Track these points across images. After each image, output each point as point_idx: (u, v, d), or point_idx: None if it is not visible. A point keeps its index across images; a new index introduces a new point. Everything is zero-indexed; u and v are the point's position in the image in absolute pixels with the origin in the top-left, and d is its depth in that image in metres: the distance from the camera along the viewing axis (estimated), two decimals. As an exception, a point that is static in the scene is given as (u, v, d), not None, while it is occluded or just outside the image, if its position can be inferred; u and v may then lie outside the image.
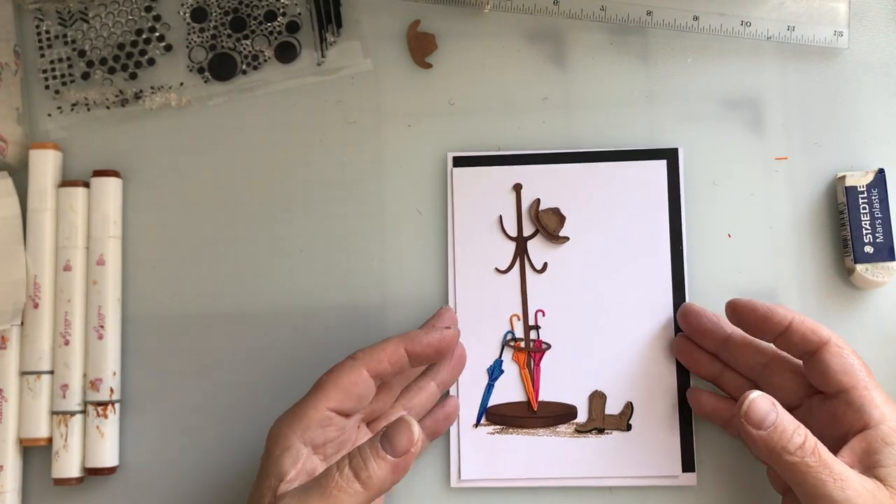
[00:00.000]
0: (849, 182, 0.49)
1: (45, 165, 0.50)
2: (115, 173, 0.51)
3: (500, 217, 0.50)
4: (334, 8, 0.52)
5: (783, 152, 0.51)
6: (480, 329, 0.49)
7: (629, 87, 0.51)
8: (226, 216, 0.51)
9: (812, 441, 0.39)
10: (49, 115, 0.52)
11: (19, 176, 0.51)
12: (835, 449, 0.41)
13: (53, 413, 0.48)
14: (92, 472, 0.48)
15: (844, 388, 0.42)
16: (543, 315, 0.49)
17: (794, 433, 0.39)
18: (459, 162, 0.50)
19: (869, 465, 0.40)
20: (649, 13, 0.51)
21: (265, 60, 0.52)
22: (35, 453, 0.49)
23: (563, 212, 0.50)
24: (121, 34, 0.52)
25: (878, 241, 0.48)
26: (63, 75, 0.52)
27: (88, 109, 0.52)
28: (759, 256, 0.50)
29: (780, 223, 0.50)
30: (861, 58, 0.51)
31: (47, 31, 0.52)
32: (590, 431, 0.48)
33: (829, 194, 0.50)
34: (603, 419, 0.48)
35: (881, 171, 0.49)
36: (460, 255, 0.50)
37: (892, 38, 0.52)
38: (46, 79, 0.52)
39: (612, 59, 0.52)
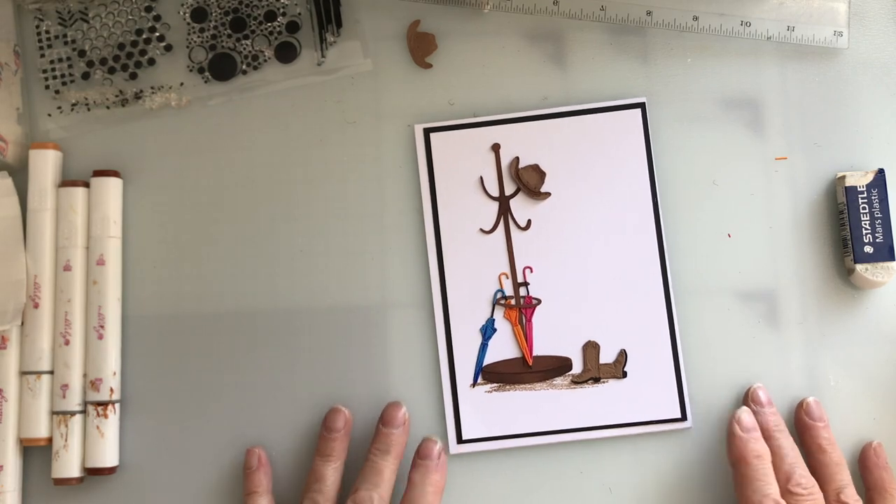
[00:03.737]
0: (849, 182, 0.49)
1: (45, 165, 0.50)
2: (115, 173, 0.50)
3: (481, 178, 0.51)
4: (334, 8, 0.52)
5: (783, 152, 0.51)
6: (470, 290, 0.50)
7: (629, 87, 0.51)
8: (226, 216, 0.51)
9: None
10: (49, 115, 0.52)
11: (19, 176, 0.51)
12: None
13: (53, 413, 0.48)
14: (92, 472, 0.48)
15: None
16: (531, 271, 0.50)
17: None
18: (434, 130, 0.51)
19: None
20: (649, 13, 0.51)
21: (265, 60, 0.52)
22: (35, 453, 0.49)
23: (543, 167, 0.50)
24: (121, 34, 0.52)
25: (877, 241, 0.48)
26: (63, 75, 0.52)
27: (88, 109, 0.52)
28: (759, 256, 0.50)
29: (780, 223, 0.50)
30: (861, 58, 0.51)
31: (47, 31, 0.52)
32: (586, 382, 0.49)
33: (829, 194, 0.50)
34: (598, 369, 0.49)
35: (881, 171, 0.49)
36: (442, 218, 0.50)
37: (892, 38, 0.52)
38: (46, 79, 0.52)
39: (612, 59, 0.52)
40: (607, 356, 0.49)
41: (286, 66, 0.52)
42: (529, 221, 0.50)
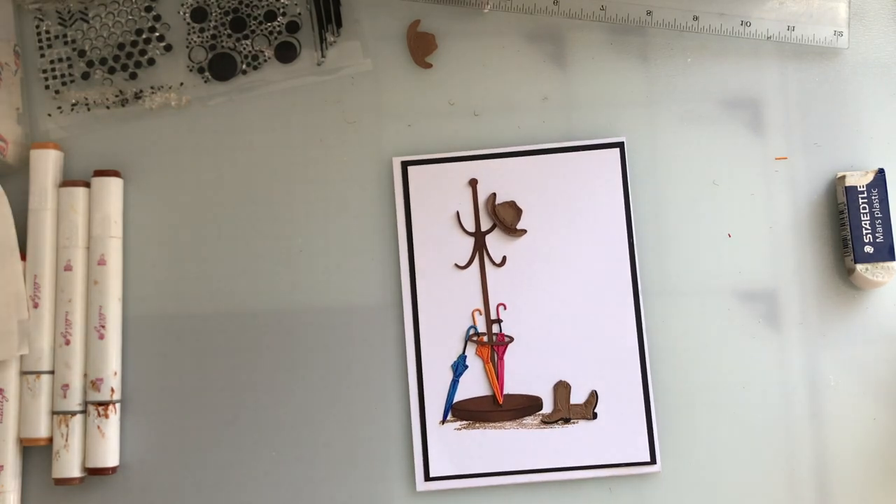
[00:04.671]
0: (849, 182, 0.49)
1: (45, 165, 0.50)
2: (115, 173, 0.51)
3: (458, 213, 0.50)
4: (334, 8, 0.52)
5: (783, 152, 0.51)
6: (443, 325, 0.49)
7: (629, 87, 0.51)
8: (226, 216, 0.51)
9: None
10: (49, 114, 0.52)
11: (19, 176, 0.51)
12: None
13: (54, 413, 0.48)
14: (92, 472, 0.48)
15: None
16: (505, 308, 0.49)
17: None
18: (412, 164, 0.51)
19: None
20: (649, 13, 0.51)
21: (265, 60, 0.52)
22: (35, 453, 0.49)
23: (520, 204, 0.50)
24: (121, 34, 0.52)
25: (878, 240, 0.48)
26: (63, 75, 0.52)
27: (88, 109, 0.52)
28: (759, 256, 0.50)
29: (780, 223, 0.50)
30: (861, 58, 0.51)
31: (47, 31, 0.52)
32: (556, 422, 0.48)
33: (829, 194, 0.50)
34: (568, 409, 0.48)
35: (881, 171, 0.49)
36: (418, 252, 0.50)
37: (892, 38, 0.52)
38: (46, 79, 0.52)
39: (612, 59, 0.52)
40: (578, 396, 0.49)
41: (286, 66, 0.52)
42: (504, 258, 0.50)
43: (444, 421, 0.49)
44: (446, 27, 0.52)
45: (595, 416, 0.48)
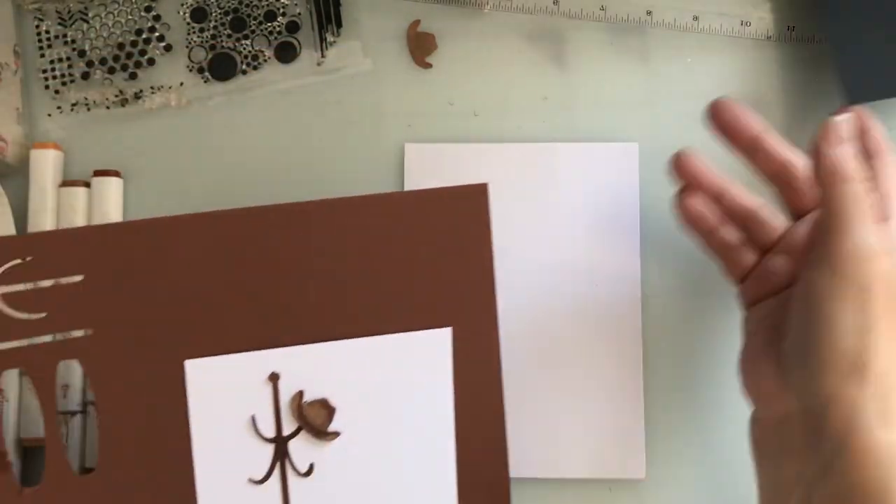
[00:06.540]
0: (849, 182, 0.49)
1: (45, 165, 0.50)
2: (115, 173, 0.51)
3: (253, 417, 0.42)
4: (334, 8, 0.52)
5: (783, 152, 0.51)
6: None
7: (629, 87, 0.51)
8: (226, 216, 0.51)
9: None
10: (49, 115, 0.52)
11: (19, 176, 0.51)
12: None
13: (54, 413, 0.48)
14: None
15: None
16: None
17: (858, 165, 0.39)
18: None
19: None
20: (649, 13, 0.51)
21: (265, 60, 0.52)
22: (36, 453, 0.49)
23: (333, 402, 0.42)
24: (121, 34, 0.52)
25: (878, 241, 0.48)
26: (63, 75, 0.52)
27: (88, 109, 0.52)
28: (759, 256, 0.50)
29: (780, 223, 0.50)
30: (861, 58, 0.51)
31: (47, 31, 0.52)
32: None
33: (829, 194, 0.50)
34: None
35: (881, 171, 0.49)
36: (203, 466, 0.41)
37: (892, 38, 0.52)
38: (46, 79, 0.52)
39: (612, 59, 0.52)
40: None
41: (286, 66, 0.52)
42: (312, 466, 0.42)
43: None
44: (446, 27, 0.52)
45: None
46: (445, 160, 0.50)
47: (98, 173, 0.50)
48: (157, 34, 0.52)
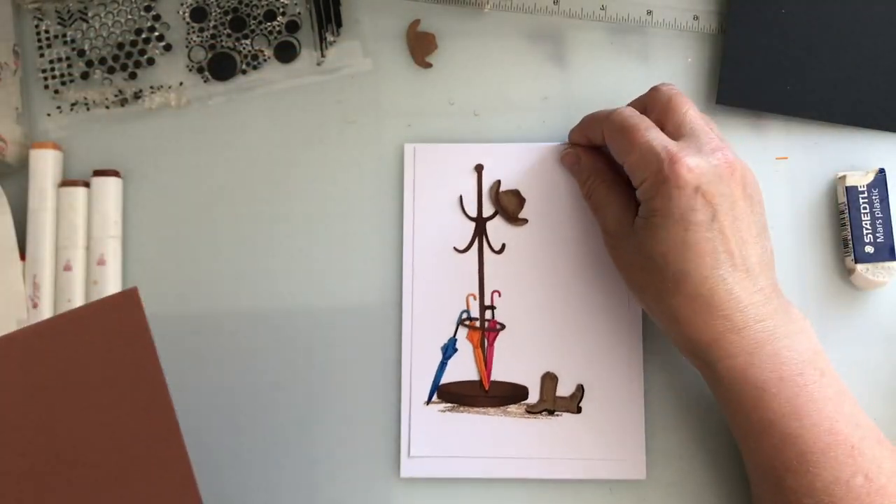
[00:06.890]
0: (849, 182, 0.49)
1: (45, 165, 0.50)
2: (115, 173, 0.50)
3: (461, 197, 0.50)
4: (334, 8, 0.52)
5: (783, 152, 0.51)
6: (436, 307, 0.49)
7: (629, 87, 0.51)
8: (226, 216, 0.51)
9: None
10: (48, 114, 0.52)
11: (19, 176, 0.51)
12: None
13: (53, 413, 0.48)
14: (92, 473, 0.48)
15: None
16: (499, 296, 0.49)
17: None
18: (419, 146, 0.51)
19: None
20: (649, 13, 0.51)
21: (265, 60, 0.52)
22: None
23: (524, 194, 0.50)
24: (120, 34, 0.52)
25: (878, 240, 0.48)
26: (62, 75, 0.52)
27: (88, 109, 0.52)
28: (759, 256, 0.50)
29: (780, 223, 0.50)
30: (861, 57, 0.51)
31: (47, 31, 0.52)
32: (540, 413, 0.48)
33: (829, 194, 0.50)
34: (553, 401, 0.48)
35: (881, 171, 0.49)
36: (419, 232, 0.50)
37: (893, 38, 0.52)
38: (46, 79, 0.52)
39: (612, 59, 0.52)
40: (565, 389, 0.48)
41: (286, 65, 0.52)
42: (504, 245, 0.50)
43: (429, 402, 0.48)
44: (446, 27, 0.52)
45: (580, 409, 0.48)
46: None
47: (97, 173, 0.50)
48: (156, 34, 0.52)
